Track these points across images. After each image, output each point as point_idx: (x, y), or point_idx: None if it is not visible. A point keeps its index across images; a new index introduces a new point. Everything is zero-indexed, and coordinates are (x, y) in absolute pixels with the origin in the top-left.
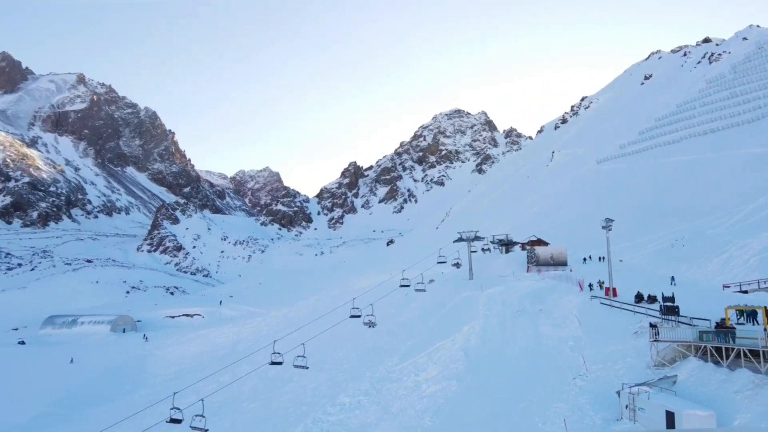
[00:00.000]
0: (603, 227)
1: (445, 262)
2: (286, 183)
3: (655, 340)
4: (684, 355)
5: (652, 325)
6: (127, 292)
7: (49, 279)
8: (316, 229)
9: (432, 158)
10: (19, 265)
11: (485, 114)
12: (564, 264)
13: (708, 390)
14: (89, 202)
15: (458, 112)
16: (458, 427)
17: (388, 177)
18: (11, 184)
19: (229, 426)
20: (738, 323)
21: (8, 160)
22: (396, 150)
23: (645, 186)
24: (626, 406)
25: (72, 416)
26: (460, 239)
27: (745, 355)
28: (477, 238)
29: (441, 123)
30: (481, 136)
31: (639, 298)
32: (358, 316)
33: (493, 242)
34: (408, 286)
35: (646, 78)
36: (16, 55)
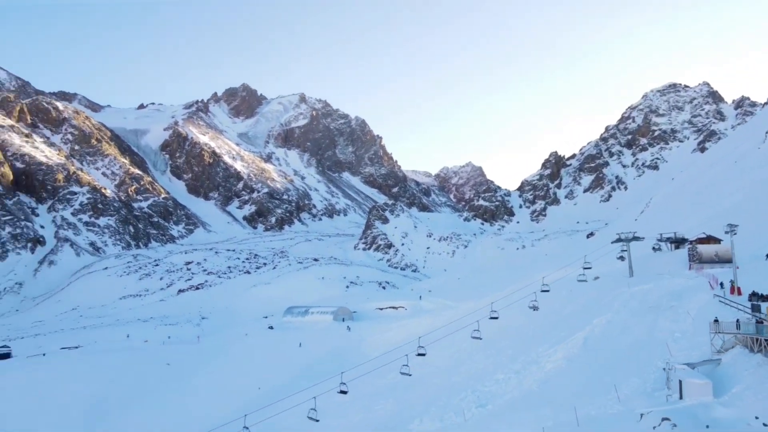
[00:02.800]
0: (726, 232)
1: (590, 269)
2: (489, 176)
3: (715, 332)
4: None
5: (715, 320)
6: (347, 287)
7: (286, 276)
8: (518, 222)
9: (643, 140)
10: (264, 264)
11: (707, 85)
12: (729, 261)
13: (736, 370)
14: (314, 206)
15: (673, 87)
16: (559, 390)
17: (593, 164)
18: (255, 194)
19: (422, 392)
20: None
21: (252, 175)
22: (601, 135)
23: None
24: (666, 379)
25: (316, 379)
26: (619, 240)
27: None
28: (635, 239)
29: (653, 101)
30: (702, 110)
31: (752, 296)
32: (496, 318)
33: (661, 240)
34: (547, 291)
35: None
36: (253, 84)
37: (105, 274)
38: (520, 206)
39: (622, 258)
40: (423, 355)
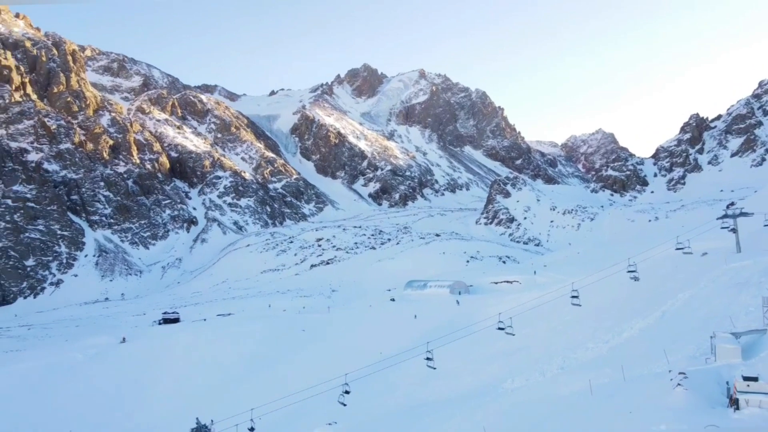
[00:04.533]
0: None
1: (683, 248)
2: (622, 144)
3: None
4: None
5: None
6: (467, 261)
7: (409, 251)
8: (652, 192)
9: None
10: (388, 240)
11: None
12: None
13: None
14: (436, 181)
15: None
16: (624, 355)
17: (742, 126)
18: (378, 172)
19: (523, 358)
20: None
21: (375, 153)
22: (754, 92)
23: None
24: (711, 346)
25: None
26: (725, 216)
27: None
28: (743, 214)
29: None
30: None
31: None
32: (576, 297)
33: None
34: (633, 271)
35: None
36: (373, 64)
37: (248, 250)
38: (655, 175)
39: (733, 230)
40: (502, 329)
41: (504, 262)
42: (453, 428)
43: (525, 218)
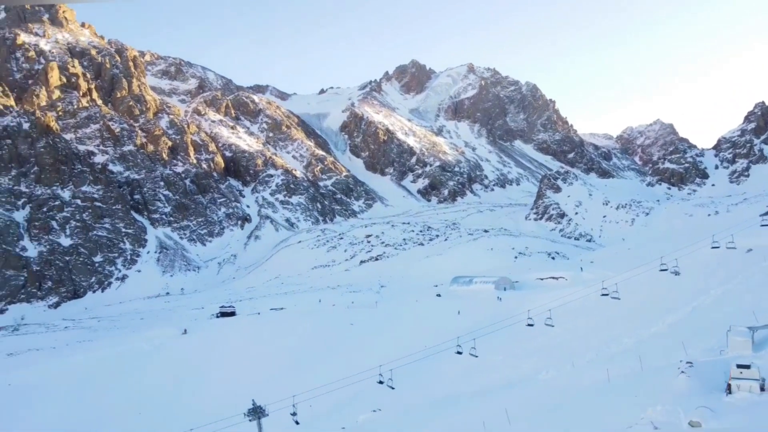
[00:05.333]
0: None
1: (717, 247)
2: (682, 135)
3: None
4: None
5: None
6: (515, 258)
7: (457, 247)
8: (713, 185)
9: None
10: (437, 236)
11: None
12: None
13: None
14: (486, 177)
15: None
16: (647, 347)
17: None
18: (427, 168)
19: (562, 352)
20: None
21: (424, 149)
22: None
23: None
24: (727, 339)
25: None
26: (767, 213)
27: None
28: None
29: None
30: None
31: None
32: (606, 295)
33: None
34: (665, 269)
35: None
36: (421, 59)
37: (299, 247)
38: (716, 167)
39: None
40: (532, 325)
41: (553, 258)
42: (480, 413)
43: (576, 213)
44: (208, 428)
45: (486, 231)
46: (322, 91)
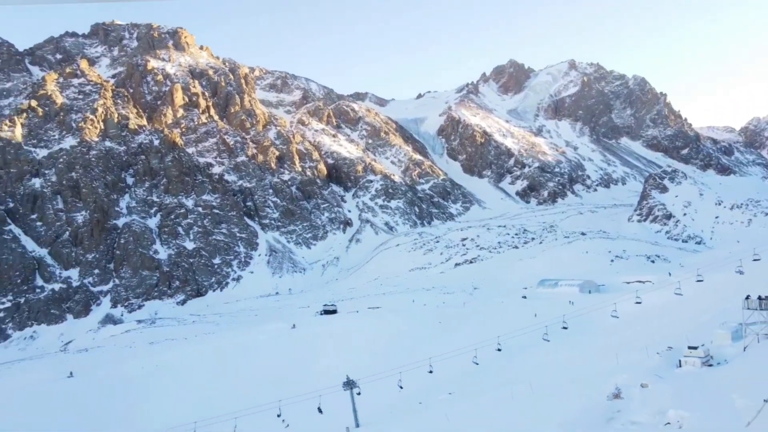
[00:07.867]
0: None
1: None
2: None
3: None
4: None
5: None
6: (612, 261)
7: (551, 250)
8: None
9: None
10: (532, 239)
11: None
12: None
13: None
14: (588, 177)
15: None
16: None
17: None
18: (526, 169)
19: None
20: None
21: (522, 150)
22: None
23: None
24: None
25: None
26: None
27: None
28: None
29: None
30: None
31: None
32: (638, 302)
33: None
34: (701, 281)
35: None
36: (520, 59)
37: (397, 250)
38: None
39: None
40: (566, 328)
41: (653, 261)
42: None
43: (684, 214)
44: (314, 394)
45: (583, 234)
46: (419, 96)
